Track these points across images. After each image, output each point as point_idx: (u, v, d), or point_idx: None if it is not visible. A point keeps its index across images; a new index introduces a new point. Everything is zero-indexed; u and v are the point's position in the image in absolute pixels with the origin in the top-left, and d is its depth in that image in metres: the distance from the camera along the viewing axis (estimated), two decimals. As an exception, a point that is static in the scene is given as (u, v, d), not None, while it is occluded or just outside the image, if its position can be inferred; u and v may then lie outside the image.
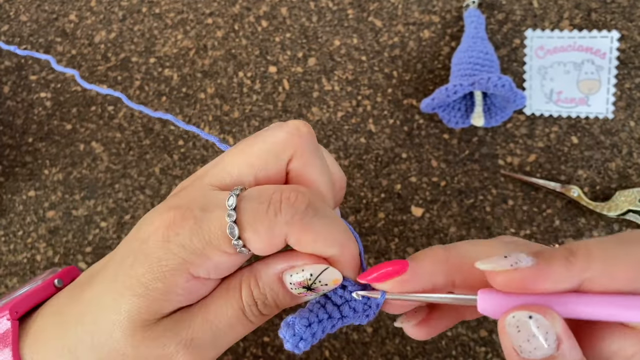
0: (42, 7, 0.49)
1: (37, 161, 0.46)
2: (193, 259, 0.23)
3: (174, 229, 0.23)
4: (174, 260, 0.23)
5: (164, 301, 0.23)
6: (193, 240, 0.23)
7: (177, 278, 0.23)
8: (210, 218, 0.23)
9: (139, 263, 0.23)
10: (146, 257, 0.23)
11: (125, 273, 0.24)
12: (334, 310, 0.25)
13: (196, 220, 0.23)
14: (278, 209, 0.23)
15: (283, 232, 0.23)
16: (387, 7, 0.47)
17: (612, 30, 0.42)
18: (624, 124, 0.43)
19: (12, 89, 0.48)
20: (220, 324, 0.24)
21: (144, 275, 0.23)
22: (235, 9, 0.48)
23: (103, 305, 0.24)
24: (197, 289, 0.24)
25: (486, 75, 0.38)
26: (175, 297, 0.24)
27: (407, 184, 0.43)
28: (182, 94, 0.46)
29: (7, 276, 0.44)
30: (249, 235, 0.23)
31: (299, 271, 0.24)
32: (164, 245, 0.23)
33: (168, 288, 0.23)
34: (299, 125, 0.25)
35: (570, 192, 0.41)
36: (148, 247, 0.23)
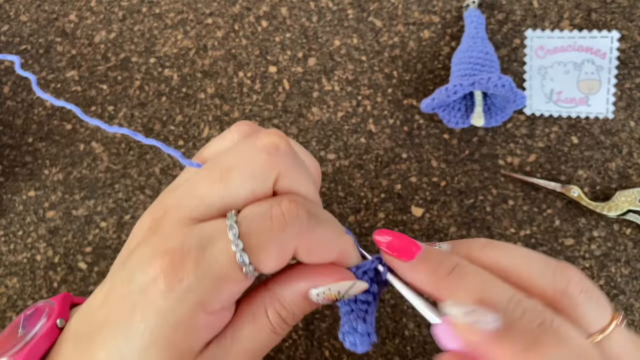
0: (42, 7, 0.49)
1: (37, 161, 0.46)
2: (205, 299, 0.22)
3: (176, 275, 0.22)
4: (185, 307, 0.22)
5: (191, 345, 0.23)
6: (201, 281, 0.22)
7: (194, 321, 0.22)
8: (213, 254, 0.22)
9: (149, 318, 0.22)
10: (154, 310, 0.22)
11: (138, 332, 0.22)
12: (367, 296, 0.26)
13: (197, 260, 0.22)
14: (283, 223, 0.23)
15: (293, 245, 0.23)
16: (387, 7, 0.47)
17: (612, 30, 0.42)
18: (624, 124, 0.43)
19: (12, 89, 0.48)
20: (256, 350, 0.24)
21: (161, 328, 0.22)
22: (235, 9, 0.48)
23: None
24: (218, 320, 0.24)
25: (486, 75, 0.38)
26: (200, 336, 0.23)
27: (407, 184, 0.43)
28: (182, 94, 0.46)
29: (7, 276, 0.44)
30: (260, 258, 0.23)
31: (325, 290, 0.24)
32: (169, 296, 0.22)
33: (189, 333, 0.22)
34: (276, 142, 0.24)
35: (570, 192, 0.41)
36: (152, 300, 0.22)
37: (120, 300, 0.23)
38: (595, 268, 0.41)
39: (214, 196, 0.24)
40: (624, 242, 0.41)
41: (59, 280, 0.44)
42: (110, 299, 0.24)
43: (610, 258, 0.41)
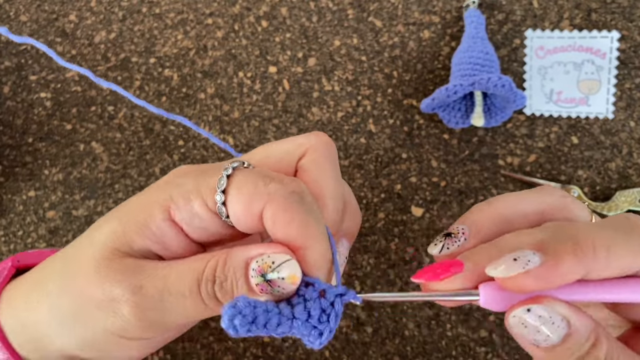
0: (42, 7, 0.49)
1: (37, 161, 0.46)
2: (177, 199, 0.24)
3: (182, 175, 0.25)
4: (160, 195, 0.24)
5: (137, 234, 0.24)
6: (187, 184, 0.25)
7: (156, 211, 0.24)
8: (211, 172, 0.25)
9: (135, 197, 0.26)
10: (143, 192, 0.25)
11: (122, 206, 0.26)
12: (285, 308, 0.23)
13: (201, 171, 0.25)
14: (267, 181, 0.24)
15: (263, 201, 0.23)
16: (387, 7, 0.47)
17: (612, 31, 0.42)
18: (624, 124, 0.43)
19: (12, 89, 0.48)
20: (172, 287, 0.23)
21: (132, 205, 0.25)
22: (235, 9, 0.48)
23: (86, 235, 0.26)
24: (169, 238, 0.25)
25: (486, 76, 0.38)
26: (148, 233, 0.24)
27: (407, 184, 0.43)
28: (182, 94, 0.46)
29: (7, 276, 0.44)
30: (232, 193, 0.24)
31: (265, 257, 0.23)
32: (164, 185, 0.25)
33: (145, 220, 0.24)
34: (321, 133, 0.27)
35: (570, 192, 0.41)
36: (152, 185, 0.26)
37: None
38: (595, 268, 0.41)
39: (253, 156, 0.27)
40: (624, 242, 0.41)
41: (59, 281, 0.44)
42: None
43: (610, 258, 0.41)
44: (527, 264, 0.21)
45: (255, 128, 0.45)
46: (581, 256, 0.20)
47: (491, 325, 0.40)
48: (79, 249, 0.26)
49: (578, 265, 0.20)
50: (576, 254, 0.20)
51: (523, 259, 0.21)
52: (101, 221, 0.26)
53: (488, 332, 0.40)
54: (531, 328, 0.21)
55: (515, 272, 0.21)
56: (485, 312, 0.41)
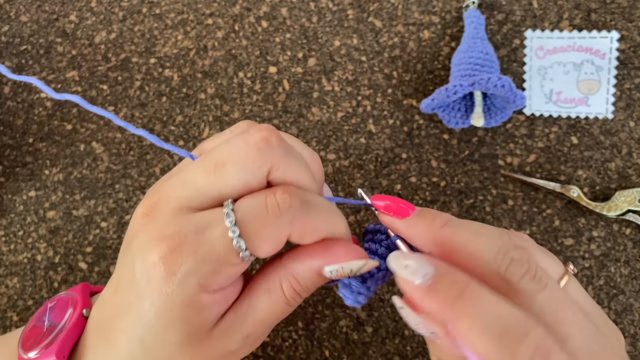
0: (42, 7, 0.50)
1: (37, 161, 0.46)
2: (205, 282, 0.24)
3: (174, 261, 0.23)
4: (188, 289, 0.23)
5: (203, 320, 0.24)
6: (200, 265, 0.23)
7: (199, 300, 0.24)
8: (210, 239, 0.24)
9: (157, 303, 0.24)
10: (160, 294, 0.23)
11: (150, 316, 0.24)
12: (381, 262, 0.28)
13: (194, 245, 0.23)
14: (277, 212, 0.24)
15: (287, 232, 0.24)
16: (387, 7, 0.47)
17: (612, 31, 0.42)
18: (623, 124, 0.43)
19: (12, 89, 0.48)
20: (271, 319, 0.26)
21: (170, 310, 0.24)
22: (236, 9, 0.48)
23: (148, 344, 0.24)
24: (223, 296, 0.25)
25: (486, 76, 0.38)
26: (209, 311, 0.25)
27: (407, 184, 0.43)
28: (183, 94, 0.47)
29: (8, 276, 0.44)
30: (256, 244, 0.24)
31: (338, 269, 0.26)
32: (171, 280, 0.23)
33: (198, 310, 0.24)
34: (267, 136, 0.25)
35: (570, 192, 0.41)
36: (156, 285, 0.23)
37: (128, 289, 0.25)
38: (595, 268, 0.41)
39: (208, 187, 0.25)
40: (623, 242, 0.41)
41: (60, 280, 0.44)
42: (120, 288, 0.25)
43: (609, 258, 0.41)
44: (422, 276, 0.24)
45: (256, 128, 0.45)
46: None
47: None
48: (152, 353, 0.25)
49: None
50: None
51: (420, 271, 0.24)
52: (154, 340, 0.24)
53: (488, 332, 0.40)
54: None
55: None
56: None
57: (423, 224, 0.26)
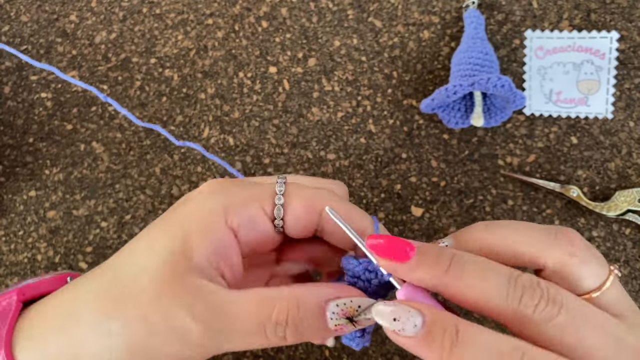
0: (42, 7, 0.50)
1: (37, 161, 0.46)
2: (236, 203, 0.25)
3: (224, 185, 0.26)
4: (213, 203, 0.25)
5: (199, 242, 0.24)
6: (237, 192, 0.25)
7: (216, 220, 0.24)
8: (254, 184, 0.26)
9: (183, 209, 0.25)
10: (190, 203, 0.25)
11: (168, 219, 0.25)
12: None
13: (245, 183, 0.26)
14: (319, 189, 0.27)
15: (323, 203, 0.26)
16: (387, 7, 0.47)
17: (612, 31, 0.42)
18: (623, 124, 0.43)
19: (12, 89, 0.48)
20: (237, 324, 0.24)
21: (186, 216, 0.24)
22: (236, 9, 0.48)
23: (135, 254, 0.24)
24: (228, 247, 0.25)
25: (486, 76, 0.38)
26: (211, 240, 0.24)
27: (407, 184, 0.43)
28: (183, 94, 0.47)
29: (8, 276, 0.44)
30: (294, 202, 0.26)
31: (346, 301, 0.25)
32: (209, 196, 0.25)
33: (207, 227, 0.24)
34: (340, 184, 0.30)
35: (569, 192, 0.41)
36: (193, 197, 0.25)
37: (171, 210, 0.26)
38: (595, 268, 0.41)
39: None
40: (623, 242, 0.41)
41: (60, 280, 0.44)
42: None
43: (609, 258, 0.41)
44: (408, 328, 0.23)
45: (256, 128, 0.45)
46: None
47: (490, 325, 0.40)
48: (128, 270, 0.24)
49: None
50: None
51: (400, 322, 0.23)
52: (149, 236, 0.24)
53: (488, 332, 0.40)
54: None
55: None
56: (485, 311, 0.41)
57: (425, 270, 0.24)
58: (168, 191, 0.45)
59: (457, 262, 0.24)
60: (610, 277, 0.25)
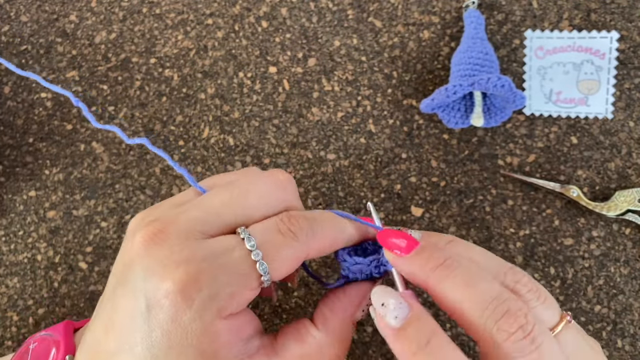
0: (42, 7, 0.50)
1: (37, 161, 0.46)
2: (224, 306, 0.23)
3: (194, 286, 0.22)
4: (207, 315, 0.22)
5: (217, 349, 0.23)
6: (220, 289, 0.23)
7: (216, 327, 0.23)
8: (230, 263, 0.23)
9: (172, 333, 0.22)
10: (174, 323, 0.22)
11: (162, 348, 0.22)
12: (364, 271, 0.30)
13: (214, 270, 0.23)
14: (293, 235, 0.25)
15: (305, 252, 0.25)
16: (387, 7, 0.47)
17: (612, 31, 0.42)
18: (623, 124, 0.43)
19: (12, 89, 0.48)
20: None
21: (187, 339, 0.22)
22: (236, 9, 0.48)
23: None
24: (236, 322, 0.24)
25: (486, 76, 0.38)
26: (224, 340, 0.23)
27: (407, 184, 0.43)
28: (183, 94, 0.47)
29: (8, 276, 0.44)
30: (277, 266, 0.24)
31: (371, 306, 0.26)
32: (190, 306, 0.22)
33: (214, 339, 0.23)
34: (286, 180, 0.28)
35: (569, 192, 0.41)
36: (169, 315, 0.22)
37: (131, 320, 0.23)
38: (595, 268, 0.41)
39: (228, 213, 0.25)
40: (623, 242, 0.41)
41: (60, 280, 0.44)
42: (117, 324, 0.23)
43: (609, 258, 0.41)
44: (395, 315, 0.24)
45: (255, 128, 0.45)
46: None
47: (491, 325, 0.40)
48: None
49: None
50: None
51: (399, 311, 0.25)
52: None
53: (487, 332, 0.40)
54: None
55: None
56: (485, 311, 0.41)
57: (418, 264, 0.26)
58: (168, 191, 0.45)
59: (450, 263, 0.25)
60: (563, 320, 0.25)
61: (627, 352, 0.40)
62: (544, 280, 0.41)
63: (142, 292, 0.22)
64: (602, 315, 0.40)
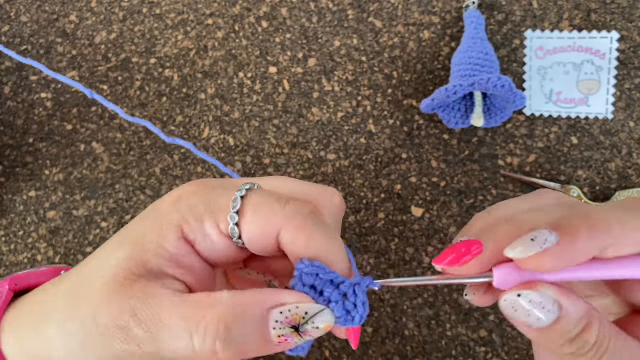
0: (42, 7, 0.50)
1: (37, 161, 0.46)
2: (189, 219, 0.24)
3: (190, 195, 0.25)
4: (173, 215, 0.24)
5: (151, 253, 0.24)
6: (198, 204, 0.24)
7: (169, 231, 0.24)
8: (221, 192, 0.25)
9: (145, 219, 0.25)
10: (152, 212, 0.25)
11: (130, 228, 0.25)
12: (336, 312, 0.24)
13: (210, 191, 0.25)
14: (283, 202, 0.24)
15: (280, 223, 0.23)
16: (387, 7, 0.47)
17: (612, 31, 0.42)
18: (623, 124, 0.43)
19: (12, 89, 0.48)
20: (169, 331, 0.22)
21: (143, 227, 0.24)
22: (236, 9, 0.48)
23: (96, 257, 0.25)
24: (183, 257, 0.24)
25: (486, 76, 0.38)
26: (162, 252, 0.24)
27: (407, 184, 0.43)
28: (183, 94, 0.47)
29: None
30: (248, 214, 0.24)
31: (291, 308, 0.22)
32: (173, 205, 0.25)
33: (159, 240, 0.24)
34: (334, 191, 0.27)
35: (569, 192, 0.41)
36: (158, 206, 0.25)
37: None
38: (595, 268, 0.41)
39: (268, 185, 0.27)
40: (623, 242, 0.41)
41: (60, 280, 0.44)
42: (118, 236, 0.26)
43: (609, 258, 0.41)
44: (544, 243, 0.21)
45: (256, 128, 0.45)
46: (596, 233, 0.20)
47: (491, 325, 0.40)
48: (89, 272, 0.24)
49: (594, 242, 0.21)
50: (591, 231, 0.20)
51: (540, 238, 0.21)
52: (111, 243, 0.25)
53: (488, 332, 0.40)
54: (522, 311, 0.22)
55: (533, 252, 0.21)
56: (485, 311, 0.41)
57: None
58: (168, 191, 0.45)
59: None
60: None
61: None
62: (544, 280, 0.41)
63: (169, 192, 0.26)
64: (602, 315, 0.40)
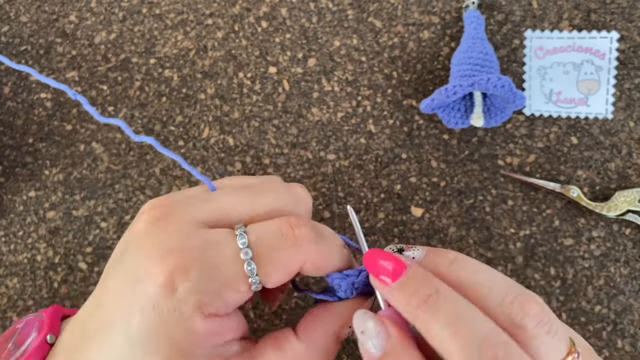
0: (42, 7, 0.50)
1: (37, 162, 0.46)
2: (205, 302, 0.22)
3: (179, 276, 0.22)
4: (186, 308, 0.22)
5: (190, 346, 0.22)
6: (205, 284, 0.22)
7: (194, 321, 0.22)
8: (220, 258, 0.23)
9: (148, 317, 0.22)
10: (154, 310, 0.22)
11: (137, 330, 0.22)
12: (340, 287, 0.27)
13: (203, 262, 0.22)
14: (293, 240, 0.23)
15: (302, 261, 0.24)
16: (387, 7, 0.47)
17: (612, 31, 0.42)
18: (623, 125, 0.43)
19: (12, 89, 0.48)
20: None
21: (160, 326, 0.22)
22: (235, 9, 0.48)
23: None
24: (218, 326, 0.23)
25: (486, 76, 0.38)
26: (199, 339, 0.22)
27: (407, 184, 0.43)
28: (182, 94, 0.47)
29: (8, 276, 0.44)
30: (268, 270, 0.23)
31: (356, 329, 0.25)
32: (171, 296, 0.22)
33: (188, 334, 0.22)
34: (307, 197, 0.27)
35: (569, 192, 0.41)
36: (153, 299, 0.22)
37: (116, 300, 0.23)
38: (595, 268, 0.41)
39: (235, 211, 0.24)
40: (623, 242, 0.41)
41: (60, 281, 0.44)
42: (104, 301, 0.23)
43: (609, 258, 0.41)
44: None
45: (255, 128, 0.45)
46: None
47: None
48: None
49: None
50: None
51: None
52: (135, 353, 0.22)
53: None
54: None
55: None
56: (485, 312, 0.41)
57: (402, 299, 0.23)
58: (168, 191, 0.45)
59: (434, 300, 0.22)
60: (570, 356, 0.23)
61: (627, 353, 0.40)
62: (544, 281, 0.41)
63: (132, 274, 0.23)
64: (602, 316, 0.40)
